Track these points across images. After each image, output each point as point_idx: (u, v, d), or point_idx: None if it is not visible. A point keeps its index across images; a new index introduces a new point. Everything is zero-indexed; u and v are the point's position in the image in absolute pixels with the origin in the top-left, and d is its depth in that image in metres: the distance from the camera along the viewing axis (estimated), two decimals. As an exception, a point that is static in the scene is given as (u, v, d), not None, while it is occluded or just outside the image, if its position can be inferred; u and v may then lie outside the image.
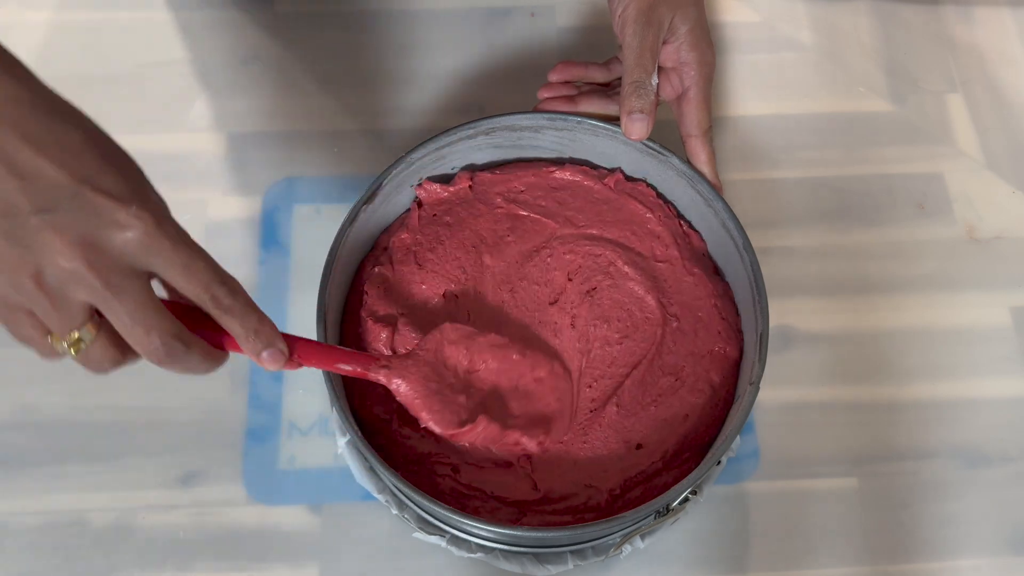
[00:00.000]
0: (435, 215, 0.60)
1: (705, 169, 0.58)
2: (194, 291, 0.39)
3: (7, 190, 0.35)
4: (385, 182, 0.56)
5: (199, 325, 0.40)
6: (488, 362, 0.51)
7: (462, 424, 0.49)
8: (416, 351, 0.50)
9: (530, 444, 0.51)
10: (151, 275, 0.38)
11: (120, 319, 0.37)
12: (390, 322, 0.56)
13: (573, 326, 0.56)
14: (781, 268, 0.66)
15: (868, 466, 0.61)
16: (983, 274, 0.67)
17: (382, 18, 0.76)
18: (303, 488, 0.59)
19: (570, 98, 0.62)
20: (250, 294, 0.39)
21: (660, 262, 0.58)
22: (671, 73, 0.58)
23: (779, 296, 0.63)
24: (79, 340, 0.38)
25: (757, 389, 0.52)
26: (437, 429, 0.49)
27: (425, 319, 0.55)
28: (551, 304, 0.57)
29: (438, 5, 0.77)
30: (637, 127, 0.56)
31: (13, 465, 0.60)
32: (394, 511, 0.55)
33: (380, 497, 0.55)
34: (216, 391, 0.62)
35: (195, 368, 0.41)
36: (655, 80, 0.57)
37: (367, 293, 0.57)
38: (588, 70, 0.63)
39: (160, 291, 0.40)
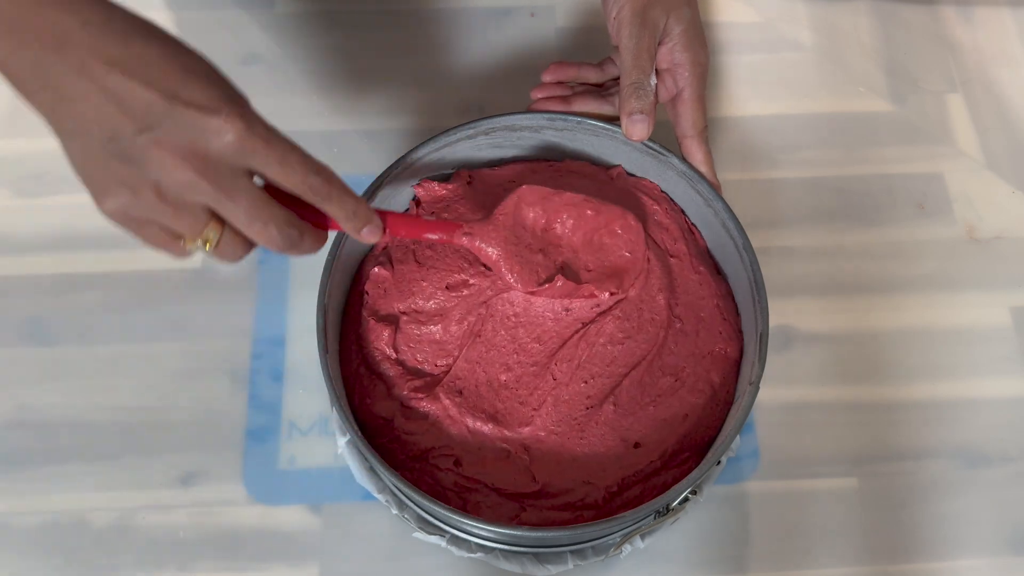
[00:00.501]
0: (433, 213, 0.60)
1: (703, 169, 0.58)
2: (292, 182, 0.41)
3: (108, 115, 0.38)
4: (385, 182, 0.56)
5: (300, 209, 0.43)
6: (564, 220, 0.54)
7: (541, 282, 0.52)
8: (496, 214, 0.52)
9: (602, 296, 0.54)
10: (252, 172, 0.41)
11: (238, 217, 0.41)
12: (392, 321, 0.56)
13: (598, 304, 0.56)
14: (781, 268, 0.66)
15: (868, 466, 0.61)
16: (983, 274, 0.67)
17: (382, 18, 0.76)
18: (303, 488, 0.59)
19: (564, 98, 0.62)
20: (250, 294, 0.40)
21: (672, 256, 0.58)
22: (665, 75, 0.58)
23: (779, 296, 0.63)
24: (208, 239, 0.41)
25: (757, 389, 0.52)
26: (519, 287, 0.52)
27: (428, 316, 0.55)
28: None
29: (438, 5, 0.77)
30: (638, 128, 0.56)
31: (13, 465, 0.60)
32: (394, 511, 0.55)
33: (380, 497, 0.56)
34: (216, 391, 0.62)
35: (308, 250, 0.44)
36: (653, 80, 0.57)
37: (367, 293, 0.57)
38: (581, 71, 0.63)
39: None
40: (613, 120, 0.59)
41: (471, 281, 0.55)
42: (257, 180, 0.42)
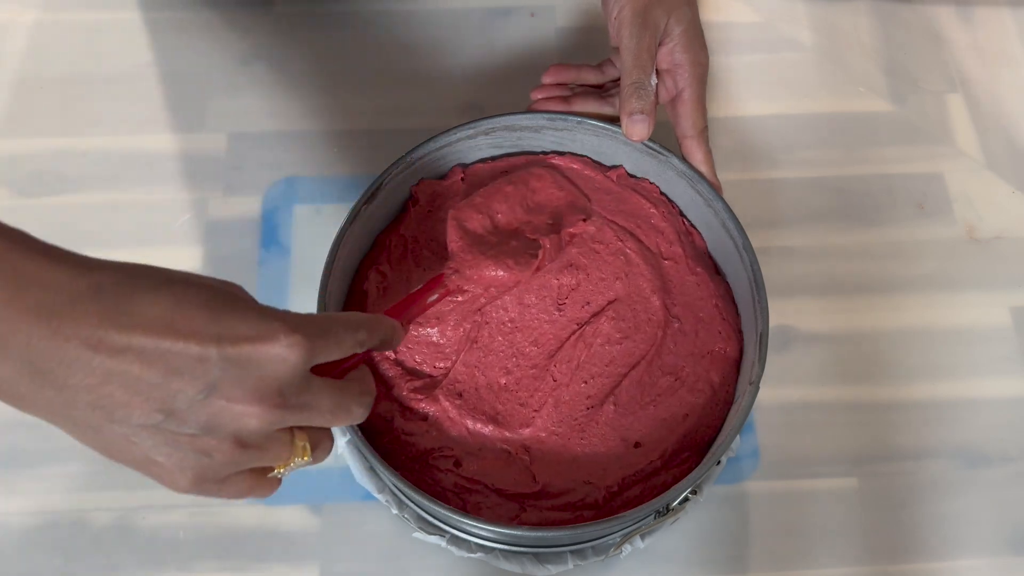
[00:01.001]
0: (430, 211, 0.60)
1: (703, 169, 0.58)
2: (347, 351, 0.39)
3: (152, 387, 0.33)
4: (385, 182, 0.56)
5: (336, 365, 0.41)
6: (499, 207, 0.55)
7: (536, 256, 0.53)
8: (451, 247, 0.53)
9: (580, 227, 0.56)
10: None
11: (323, 420, 0.38)
12: (390, 322, 0.56)
13: (588, 303, 0.56)
14: (781, 268, 0.66)
15: (868, 466, 0.61)
16: (983, 274, 0.67)
17: (382, 18, 0.76)
18: (303, 488, 0.59)
19: (564, 99, 0.62)
20: (250, 294, 0.39)
21: (666, 259, 0.58)
22: (665, 75, 0.58)
23: (779, 296, 0.63)
24: (302, 452, 0.38)
25: (757, 389, 0.52)
26: (528, 274, 0.53)
27: (425, 317, 0.55)
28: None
29: (438, 5, 0.77)
30: (638, 128, 0.56)
31: (13, 465, 0.60)
32: (394, 511, 0.55)
33: (380, 497, 0.56)
34: (216, 391, 0.62)
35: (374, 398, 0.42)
36: (653, 80, 0.57)
37: (367, 293, 0.57)
38: (581, 72, 0.63)
39: None
40: (613, 120, 0.59)
41: (465, 287, 0.54)
42: None
